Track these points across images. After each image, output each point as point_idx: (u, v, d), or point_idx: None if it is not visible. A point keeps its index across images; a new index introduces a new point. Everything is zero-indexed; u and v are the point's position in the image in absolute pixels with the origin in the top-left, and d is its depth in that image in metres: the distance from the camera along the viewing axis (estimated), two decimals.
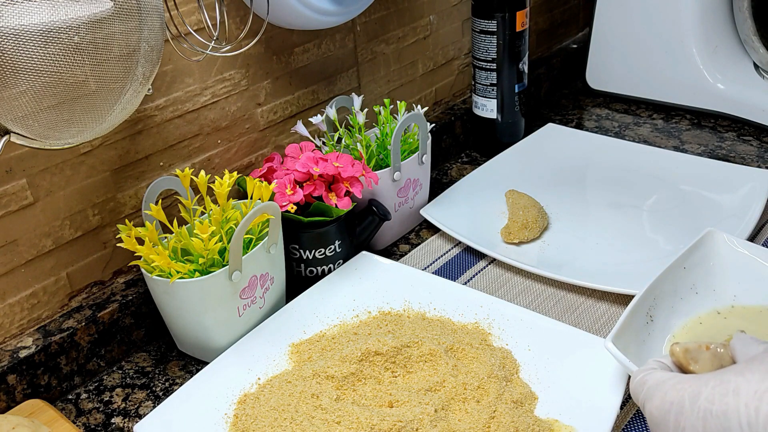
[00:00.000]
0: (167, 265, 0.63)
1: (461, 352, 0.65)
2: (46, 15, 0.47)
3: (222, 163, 0.79)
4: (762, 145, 1.01)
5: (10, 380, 0.63)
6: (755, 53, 1.06)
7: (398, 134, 0.80)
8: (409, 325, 0.70)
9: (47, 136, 0.52)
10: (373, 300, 0.74)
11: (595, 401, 0.60)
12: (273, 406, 0.61)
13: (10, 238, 0.63)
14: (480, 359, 0.64)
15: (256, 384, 0.65)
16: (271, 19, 0.73)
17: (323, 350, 0.68)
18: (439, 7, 1.00)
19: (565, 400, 0.61)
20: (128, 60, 0.54)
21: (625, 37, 1.13)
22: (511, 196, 0.89)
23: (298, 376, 0.63)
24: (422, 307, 0.73)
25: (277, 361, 0.67)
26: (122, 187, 0.71)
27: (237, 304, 0.68)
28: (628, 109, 1.15)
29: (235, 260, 0.65)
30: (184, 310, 0.66)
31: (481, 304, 0.72)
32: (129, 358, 0.72)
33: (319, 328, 0.71)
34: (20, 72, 0.46)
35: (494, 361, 0.64)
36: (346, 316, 0.73)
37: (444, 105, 1.07)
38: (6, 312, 0.65)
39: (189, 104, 0.73)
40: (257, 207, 0.65)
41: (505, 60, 0.96)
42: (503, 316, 0.71)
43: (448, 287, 0.75)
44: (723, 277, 0.70)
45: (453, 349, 0.66)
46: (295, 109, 0.85)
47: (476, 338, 0.68)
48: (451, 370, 0.63)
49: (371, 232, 0.80)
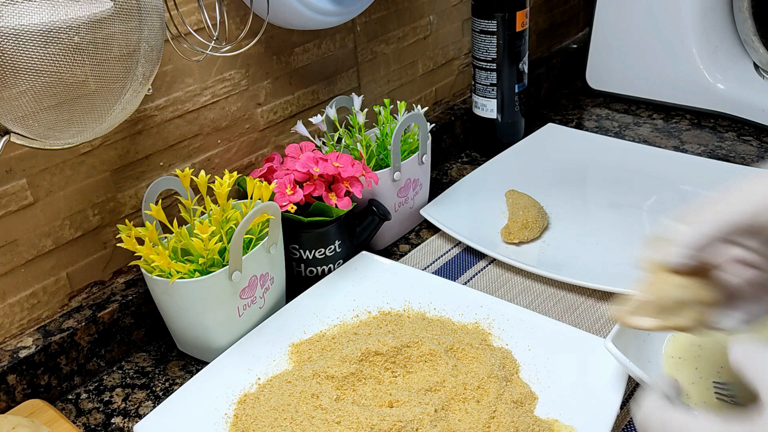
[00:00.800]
0: (167, 265, 0.63)
1: (461, 352, 0.65)
2: (46, 15, 0.47)
3: (222, 163, 0.79)
4: (762, 145, 1.01)
5: (10, 380, 0.63)
6: (755, 53, 1.06)
7: (398, 134, 0.80)
8: (409, 325, 0.70)
9: (47, 136, 0.52)
10: (373, 300, 0.74)
11: (595, 401, 0.60)
12: (273, 406, 0.61)
13: (10, 238, 0.63)
14: (480, 359, 0.64)
15: (256, 384, 0.65)
16: (271, 19, 0.73)
17: (323, 350, 0.68)
18: (439, 7, 1.00)
19: (565, 400, 0.61)
20: (128, 60, 0.54)
21: (625, 37, 1.13)
22: (511, 196, 0.89)
23: (298, 376, 0.63)
24: (422, 307, 0.73)
25: (277, 361, 0.67)
26: (122, 187, 0.71)
27: (237, 304, 0.68)
28: (628, 109, 1.15)
29: (235, 260, 0.65)
30: (184, 310, 0.66)
31: (481, 304, 0.72)
32: (129, 358, 0.72)
33: (319, 328, 0.71)
34: (20, 72, 0.46)
35: (494, 361, 0.64)
36: (346, 316, 0.73)
37: (444, 105, 1.07)
38: (6, 312, 0.65)
39: (189, 104, 0.73)
40: (257, 207, 0.65)
41: (505, 60, 0.96)
42: (503, 316, 0.71)
43: (448, 287, 0.75)
44: None
45: (453, 349, 0.66)
46: (295, 109, 0.85)
47: (476, 338, 0.68)
48: (451, 370, 0.63)
49: (371, 232, 0.80)
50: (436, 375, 0.63)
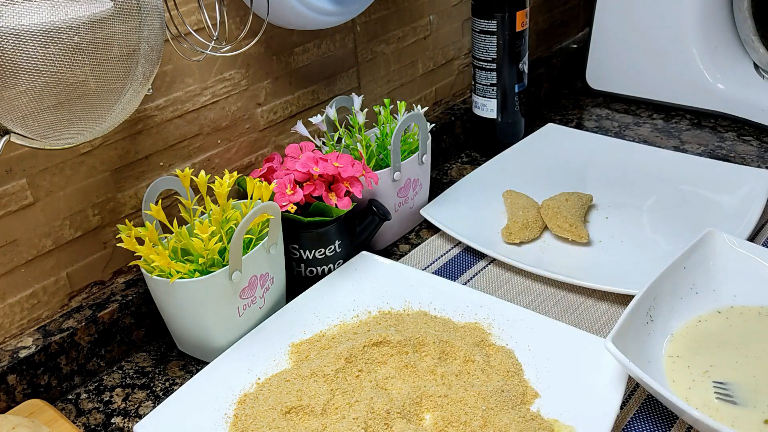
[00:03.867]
0: (167, 265, 0.63)
1: (461, 351, 0.66)
2: (47, 15, 0.47)
3: (222, 163, 0.79)
4: (762, 145, 1.01)
5: (10, 380, 0.63)
6: (755, 53, 1.06)
7: (398, 134, 0.80)
8: (411, 322, 0.70)
9: (47, 136, 0.52)
10: (373, 300, 0.74)
11: (595, 401, 0.60)
12: (271, 405, 0.61)
13: (10, 238, 0.63)
14: (481, 359, 0.64)
15: (255, 384, 0.65)
16: (271, 19, 0.73)
17: (322, 349, 0.68)
18: (439, 7, 1.00)
19: (565, 400, 0.61)
20: (128, 60, 0.54)
21: (625, 37, 1.13)
22: (509, 196, 0.89)
23: (297, 375, 0.63)
24: (422, 306, 0.73)
25: (277, 361, 0.67)
26: (122, 187, 0.71)
27: (237, 304, 0.68)
28: (628, 109, 1.15)
29: (235, 260, 0.65)
30: (184, 310, 0.66)
31: (481, 304, 0.72)
32: (129, 358, 0.72)
33: (319, 328, 0.71)
34: (20, 72, 0.46)
35: (495, 361, 0.64)
36: (346, 316, 0.73)
37: (444, 105, 1.07)
38: (6, 312, 0.65)
39: (189, 104, 0.73)
40: (257, 207, 0.65)
41: (505, 60, 0.96)
42: (503, 316, 0.71)
43: (448, 287, 0.75)
44: (723, 277, 0.70)
45: (453, 347, 0.66)
46: (295, 109, 0.85)
47: (476, 338, 0.68)
48: (451, 369, 0.63)
49: (371, 232, 0.80)
50: (435, 373, 0.63)
